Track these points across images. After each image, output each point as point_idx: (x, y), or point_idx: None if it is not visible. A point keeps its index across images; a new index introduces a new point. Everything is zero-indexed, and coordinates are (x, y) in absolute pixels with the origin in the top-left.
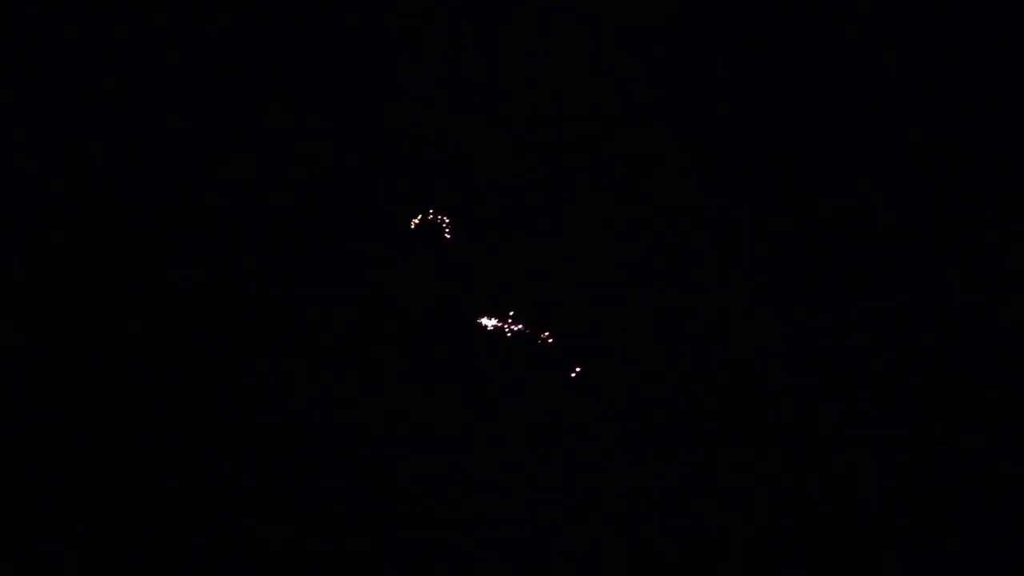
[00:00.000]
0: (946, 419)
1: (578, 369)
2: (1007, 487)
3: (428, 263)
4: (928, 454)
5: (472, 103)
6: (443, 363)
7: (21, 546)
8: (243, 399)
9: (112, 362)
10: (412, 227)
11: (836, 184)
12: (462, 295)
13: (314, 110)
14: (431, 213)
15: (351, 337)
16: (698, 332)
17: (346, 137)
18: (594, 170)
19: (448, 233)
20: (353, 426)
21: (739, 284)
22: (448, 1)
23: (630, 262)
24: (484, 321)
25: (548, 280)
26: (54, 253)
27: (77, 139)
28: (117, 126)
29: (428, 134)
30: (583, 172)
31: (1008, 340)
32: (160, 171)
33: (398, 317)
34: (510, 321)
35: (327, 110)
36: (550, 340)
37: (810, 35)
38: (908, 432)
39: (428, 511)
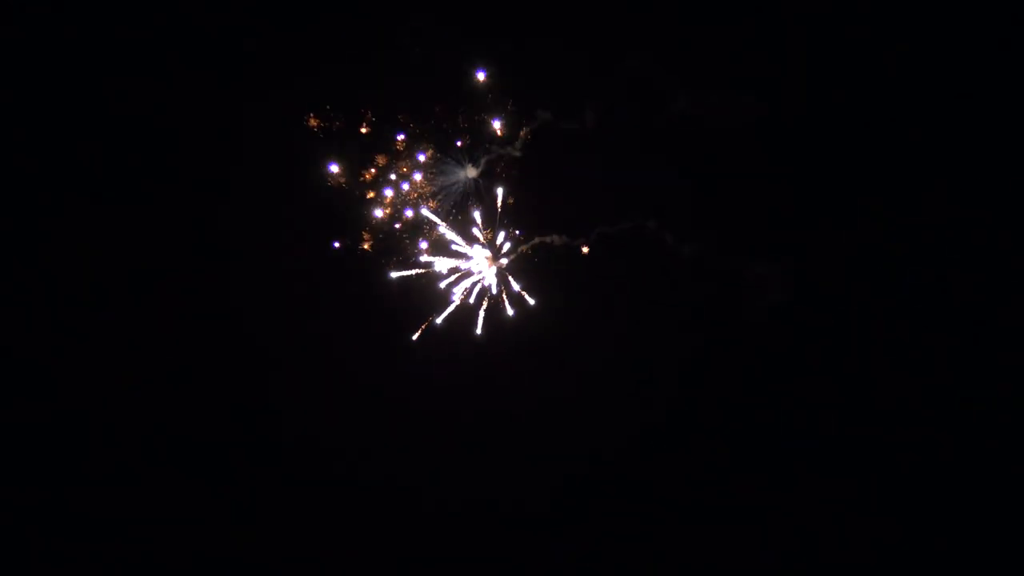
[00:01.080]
0: (947, 419)
1: (578, 369)
2: (1007, 486)
3: (427, 263)
4: (928, 454)
5: (474, 103)
6: (442, 363)
7: (21, 546)
8: (242, 398)
9: (110, 361)
10: (412, 226)
11: (836, 184)
12: (461, 294)
13: (312, 109)
14: (431, 212)
15: (351, 337)
16: (698, 332)
17: (342, 136)
18: (594, 170)
19: (448, 233)
20: (352, 427)
21: (739, 283)
22: (449, 1)
23: (630, 262)
24: (483, 320)
25: (547, 280)
26: (53, 251)
27: (76, 139)
28: (116, 125)
29: (427, 133)
30: (584, 172)
31: (1008, 340)
32: (159, 169)
33: (396, 316)
34: (509, 319)
35: (324, 109)
36: (550, 340)
37: (809, 35)
38: (908, 432)
39: (426, 510)
